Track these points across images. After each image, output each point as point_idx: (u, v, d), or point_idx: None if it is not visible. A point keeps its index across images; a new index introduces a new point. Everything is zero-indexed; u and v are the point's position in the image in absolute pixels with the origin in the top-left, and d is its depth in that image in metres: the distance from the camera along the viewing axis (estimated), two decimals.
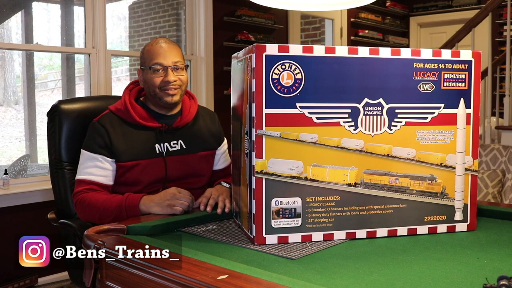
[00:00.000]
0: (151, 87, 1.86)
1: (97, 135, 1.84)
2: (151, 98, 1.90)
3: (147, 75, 1.87)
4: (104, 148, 1.82)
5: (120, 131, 1.85)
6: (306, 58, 1.38)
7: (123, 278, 1.24)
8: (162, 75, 1.84)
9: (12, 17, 4.01)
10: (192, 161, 1.93)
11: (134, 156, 1.84)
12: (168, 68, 1.84)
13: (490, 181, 3.54)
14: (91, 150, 1.83)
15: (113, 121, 1.86)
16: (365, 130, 1.44)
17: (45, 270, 3.36)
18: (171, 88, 1.84)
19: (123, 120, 1.87)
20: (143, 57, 1.90)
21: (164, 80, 1.83)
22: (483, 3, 5.85)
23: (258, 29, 4.75)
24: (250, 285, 1.01)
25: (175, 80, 1.84)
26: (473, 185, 1.53)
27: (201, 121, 2.02)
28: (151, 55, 1.86)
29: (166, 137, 1.90)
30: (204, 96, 4.32)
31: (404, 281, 1.11)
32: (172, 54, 1.85)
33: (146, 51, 1.89)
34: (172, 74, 1.84)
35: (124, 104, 1.88)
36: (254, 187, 1.37)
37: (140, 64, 1.93)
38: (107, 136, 1.83)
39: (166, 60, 1.84)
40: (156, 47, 1.86)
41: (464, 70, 1.50)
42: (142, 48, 1.93)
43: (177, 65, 1.85)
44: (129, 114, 1.86)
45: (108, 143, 1.82)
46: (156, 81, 1.84)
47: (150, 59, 1.86)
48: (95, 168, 1.82)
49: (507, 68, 4.20)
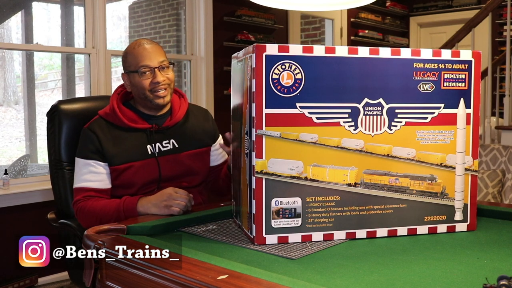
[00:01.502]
0: (141, 90, 1.85)
1: (88, 142, 1.85)
2: (140, 101, 1.90)
3: (134, 79, 1.86)
4: (96, 153, 1.83)
5: (110, 135, 1.86)
6: (306, 58, 1.38)
7: (123, 278, 1.24)
8: (149, 77, 1.84)
9: (12, 17, 4.01)
10: (185, 159, 1.92)
11: (127, 159, 1.84)
12: (155, 69, 1.84)
13: (490, 181, 3.54)
14: (83, 157, 1.84)
15: (103, 126, 1.87)
16: (365, 130, 1.44)
17: (45, 270, 3.35)
18: (161, 88, 1.85)
19: (112, 124, 1.88)
20: (126, 61, 1.89)
21: (153, 82, 1.84)
22: (483, 3, 5.85)
23: (258, 29, 4.75)
24: (250, 285, 1.01)
25: (163, 80, 1.85)
26: (473, 185, 1.53)
27: (192, 119, 2.01)
28: (136, 58, 1.85)
29: (158, 137, 1.90)
30: (204, 96, 4.32)
31: (404, 281, 1.11)
32: (156, 55, 1.85)
33: (130, 54, 1.87)
34: (160, 74, 1.84)
35: (112, 109, 1.89)
36: (254, 187, 1.37)
37: (124, 69, 1.92)
38: (98, 141, 1.84)
39: (152, 61, 1.84)
40: (139, 49, 1.85)
41: (464, 70, 1.50)
42: (124, 52, 1.91)
43: (162, 64, 1.85)
44: (117, 117, 1.87)
45: (99, 147, 1.83)
46: (145, 83, 1.84)
47: (135, 63, 1.85)
48: (89, 174, 1.83)
49: (507, 68, 4.20)
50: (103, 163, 1.83)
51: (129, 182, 1.84)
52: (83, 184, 1.83)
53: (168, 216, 1.63)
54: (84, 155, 1.84)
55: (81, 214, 1.80)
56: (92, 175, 1.83)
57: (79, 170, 1.85)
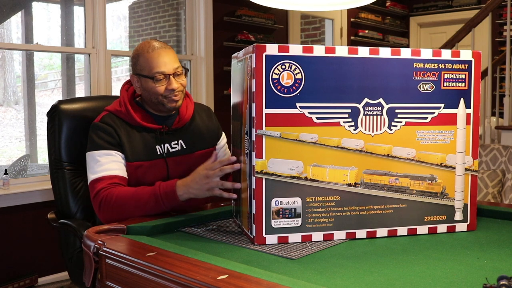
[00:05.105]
0: (153, 95, 1.82)
1: (105, 134, 1.80)
2: (151, 103, 1.87)
3: (147, 84, 1.82)
4: (115, 144, 1.79)
5: (124, 131, 1.84)
6: (306, 58, 1.38)
7: (123, 278, 1.24)
8: (164, 84, 1.80)
9: (12, 17, 4.01)
10: (193, 160, 1.92)
11: (138, 157, 1.82)
12: (170, 76, 1.81)
13: (490, 181, 3.54)
14: (101, 148, 1.78)
15: (116, 120, 1.84)
16: (365, 130, 1.44)
17: (45, 270, 3.36)
18: (175, 95, 1.82)
19: (124, 121, 1.86)
20: (138, 64, 1.84)
21: (168, 89, 1.80)
22: (483, 3, 5.85)
23: (258, 29, 4.75)
24: (250, 285, 1.01)
25: (178, 87, 1.82)
26: (473, 185, 1.53)
27: (198, 119, 2.01)
28: (150, 63, 1.80)
29: (167, 138, 1.90)
30: (204, 96, 4.32)
31: (404, 281, 1.11)
32: (171, 61, 1.82)
33: (143, 58, 1.82)
34: (175, 81, 1.81)
35: (124, 106, 1.86)
36: (254, 187, 1.37)
37: (134, 71, 1.86)
38: (115, 133, 1.80)
39: (167, 67, 1.80)
40: (153, 54, 1.80)
41: (464, 70, 1.50)
42: (135, 53, 1.86)
43: (177, 71, 1.83)
44: (130, 115, 1.84)
45: (117, 139, 1.80)
46: (160, 90, 1.80)
47: (149, 68, 1.80)
48: (112, 163, 1.77)
49: (507, 68, 4.20)
50: (122, 154, 1.80)
51: (137, 181, 1.80)
52: (106, 173, 1.74)
53: (168, 216, 1.63)
54: (102, 147, 1.78)
55: (107, 205, 1.68)
56: (115, 164, 1.77)
57: (97, 161, 1.76)
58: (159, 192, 1.66)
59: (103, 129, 1.81)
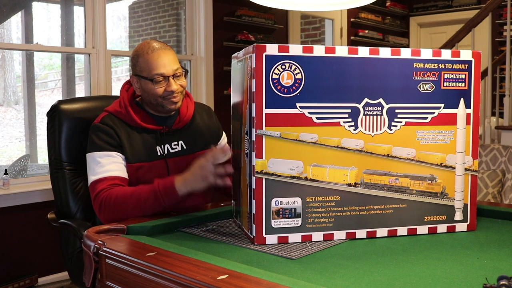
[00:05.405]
0: (152, 96, 1.82)
1: (105, 135, 1.80)
2: (150, 104, 1.87)
3: (146, 85, 1.82)
4: (115, 146, 1.79)
5: (124, 132, 1.83)
6: (306, 58, 1.38)
7: (123, 278, 1.24)
8: (163, 85, 1.80)
9: (12, 17, 4.01)
10: (193, 161, 1.92)
11: (138, 158, 1.82)
12: (169, 78, 1.80)
13: (490, 181, 3.54)
14: (103, 149, 1.78)
15: (116, 121, 1.84)
16: (365, 130, 1.44)
17: (45, 270, 3.36)
18: (174, 96, 1.82)
19: (124, 122, 1.85)
20: (137, 65, 1.83)
21: (168, 90, 1.80)
22: (483, 3, 5.85)
23: (258, 29, 4.75)
24: (250, 285, 1.01)
25: (177, 88, 1.82)
26: (473, 185, 1.53)
27: (198, 119, 2.01)
28: (149, 64, 1.79)
29: (167, 138, 1.89)
30: (204, 96, 4.32)
31: (404, 281, 1.11)
32: (171, 62, 1.81)
33: (142, 59, 1.81)
34: (174, 82, 1.81)
35: (124, 107, 1.86)
36: (254, 187, 1.37)
37: (134, 72, 1.86)
38: (116, 134, 1.80)
39: (167, 69, 1.80)
40: (153, 55, 1.80)
41: (464, 70, 1.50)
42: (135, 54, 1.85)
43: (177, 73, 1.82)
44: (130, 116, 1.84)
45: (118, 140, 1.80)
46: (159, 91, 1.80)
47: (148, 69, 1.80)
48: (113, 164, 1.77)
49: (507, 68, 4.20)
50: (122, 155, 1.80)
51: (138, 183, 1.79)
52: (107, 174, 1.74)
53: (168, 216, 1.63)
54: (102, 148, 1.78)
55: (107, 205, 1.68)
56: (116, 165, 1.77)
57: (97, 163, 1.77)
58: (158, 189, 1.66)
59: (103, 130, 1.81)
